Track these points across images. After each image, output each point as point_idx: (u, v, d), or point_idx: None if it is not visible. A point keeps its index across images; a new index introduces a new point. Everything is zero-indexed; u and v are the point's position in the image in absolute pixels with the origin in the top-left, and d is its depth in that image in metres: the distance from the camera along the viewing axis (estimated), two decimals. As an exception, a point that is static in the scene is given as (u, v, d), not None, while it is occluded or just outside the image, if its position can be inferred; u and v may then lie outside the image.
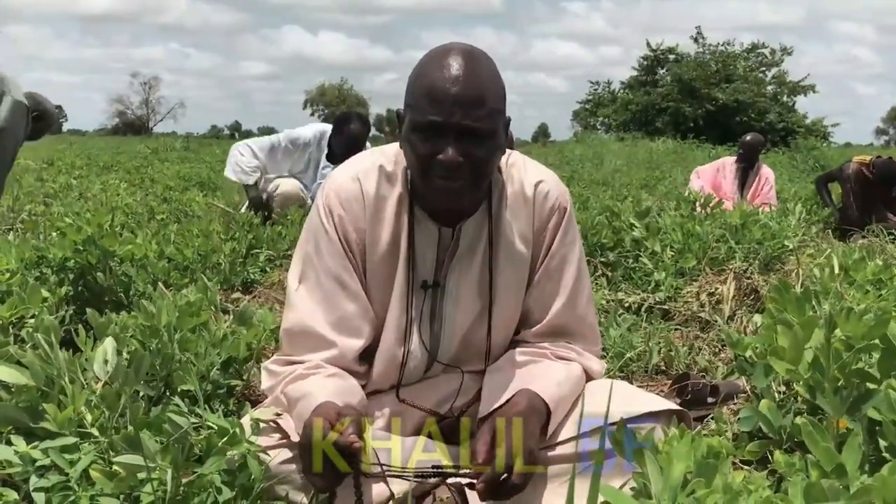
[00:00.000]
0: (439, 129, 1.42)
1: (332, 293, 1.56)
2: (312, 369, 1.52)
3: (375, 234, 1.59)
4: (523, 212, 1.62)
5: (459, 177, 1.44)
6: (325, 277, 1.57)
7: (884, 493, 0.94)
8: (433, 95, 1.42)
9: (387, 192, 1.59)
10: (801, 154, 16.87)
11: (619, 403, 1.53)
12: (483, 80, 1.44)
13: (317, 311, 1.56)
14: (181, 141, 23.02)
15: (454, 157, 1.41)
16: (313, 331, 1.55)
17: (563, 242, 1.64)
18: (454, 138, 1.42)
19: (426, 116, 1.43)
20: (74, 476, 1.29)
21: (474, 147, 1.43)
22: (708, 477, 1.00)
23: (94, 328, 1.99)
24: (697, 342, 2.97)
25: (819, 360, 1.41)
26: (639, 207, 4.61)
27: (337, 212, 1.58)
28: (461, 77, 1.41)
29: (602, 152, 17.41)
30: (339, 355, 1.55)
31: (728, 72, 29.36)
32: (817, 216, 6.89)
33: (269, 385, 1.59)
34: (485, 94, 1.43)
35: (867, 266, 2.91)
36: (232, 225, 4.57)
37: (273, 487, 1.43)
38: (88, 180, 9.27)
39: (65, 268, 2.83)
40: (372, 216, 1.58)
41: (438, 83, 1.42)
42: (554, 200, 1.64)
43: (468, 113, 1.41)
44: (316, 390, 1.45)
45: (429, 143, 1.44)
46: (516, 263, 1.63)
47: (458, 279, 1.63)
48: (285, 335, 1.61)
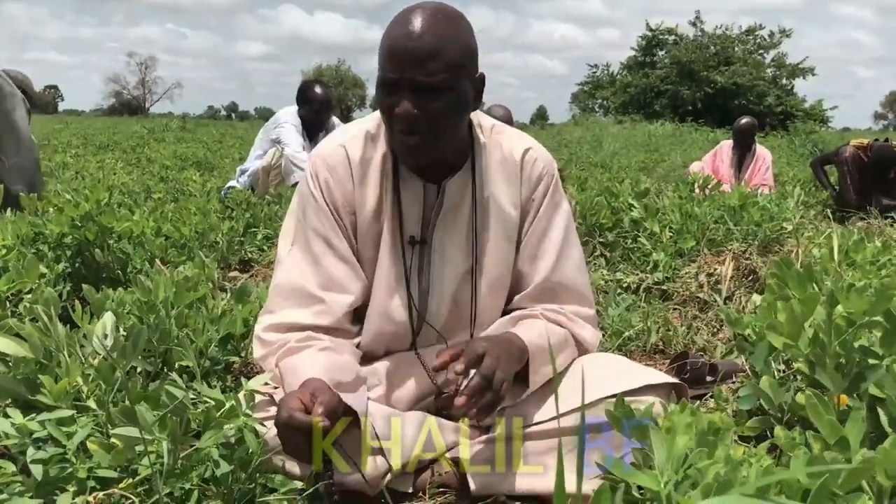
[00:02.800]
0: (396, 85, 1.48)
1: (321, 254, 1.61)
2: (304, 342, 1.54)
3: (363, 195, 1.62)
4: (512, 176, 1.67)
5: (416, 130, 1.49)
6: (315, 240, 1.61)
7: (886, 465, 0.93)
8: (390, 52, 1.48)
9: (371, 153, 1.63)
10: (799, 138, 16.79)
11: (617, 377, 1.54)
12: (440, 35, 1.47)
13: (307, 271, 1.61)
14: (178, 121, 22.88)
15: (409, 111, 1.47)
16: (303, 288, 1.60)
17: (550, 206, 1.68)
18: (409, 93, 1.47)
19: (385, 73, 1.49)
20: (71, 448, 1.28)
21: (429, 101, 1.47)
22: (710, 450, 1.00)
23: (90, 304, 1.98)
24: (696, 322, 2.96)
25: (819, 337, 1.40)
26: (638, 188, 4.60)
27: (323, 176, 1.62)
28: (416, 33, 1.45)
29: (600, 135, 17.37)
30: (326, 310, 1.58)
31: (727, 54, 29.28)
32: (815, 199, 6.88)
33: (261, 354, 1.60)
34: (439, 49, 1.46)
35: (866, 247, 2.91)
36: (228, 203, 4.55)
37: (271, 459, 1.43)
38: (85, 159, 9.23)
39: (62, 244, 2.81)
40: (358, 178, 1.62)
41: (395, 41, 1.47)
42: (542, 168, 1.69)
43: (421, 68, 1.45)
44: (305, 366, 1.47)
45: (389, 98, 1.50)
46: (504, 224, 1.67)
47: (444, 236, 1.66)
48: (275, 291, 1.64)
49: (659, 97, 29.09)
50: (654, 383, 1.55)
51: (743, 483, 0.90)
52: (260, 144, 5.43)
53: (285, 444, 1.36)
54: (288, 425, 1.31)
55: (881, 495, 1.01)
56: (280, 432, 1.35)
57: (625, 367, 1.65)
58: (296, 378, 1.45)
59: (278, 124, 5.30)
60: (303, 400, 1.34)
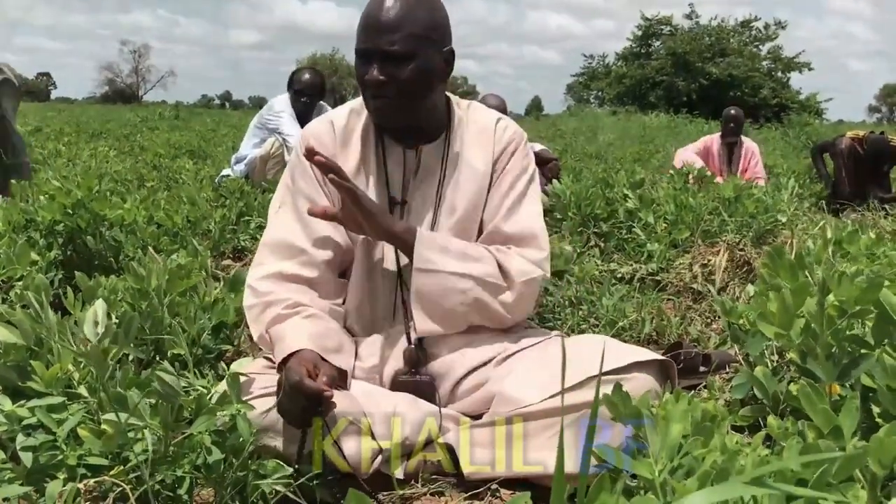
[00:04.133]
0: (366, 55, 1.67)
1: (305, 212, 1.69)
2: (291, 308, 1.65)
3: (345, 157, 1.78)
4: (486, 141, 1.83)
5: (384, 95, 1.67)
6: (301, 200, 1.76)
7: (880, 454, 0.93)
8: (362, 26, 1.67)
9: (355, 124, 1.82)
10: (793, 130, 16.83)
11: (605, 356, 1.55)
12: (406, 9, 1.64)
13: (294, 227, 1.75)
14: (171, 109, 22.79)
15: (376, 77, 1.65)
16: (289, 242, 1.74)
17: (515, 166, 1.83)
18: (377, 61, 1.65)
19: (358, 44, 1.68)
20: (62, 435, 1.28)
21: (395, 68, 1.65)
22: (705, 438, 0.99)
23: (82, 291, 1.97)
24: (690, 313, 2.96)
25: (811, 326, 1.40)
26: (633, 179, 4.59)
27: (310, 143, 1.71)
28: (385, 7, 1.64)
29: (595, 126, 17.36)
30: (310, 261, 1.72)
31: (722, 46, 29.24)
32: (810, 191, 6.87)
33: (250, 302, 1.71)
34: (403, 21, 1.64)
35: (860, 239, 2.90)
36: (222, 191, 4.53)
37: (262, 438, 1.46)
38: (77, 147, 9.17)
39: (54, 231, 2.80)
40: (341, 143, 1.80)
41: (368, 14, 1.67)
42: (512, 133, 1.85)
43: (385, 38, 1.63)
44: (293, 334, 1.58)
45: (362, 67, 1.68)
46: (475, 180, 1.80)
47: (421, 197, 1.81)
48: (264, 247, 1.78)
49: (654, 88, 29.06)
50: (642, 360, 1.58)
51: (740, 472, 0.90)
52: (255, 133, 5.39)
53: (286, 408, 1.44)
54: (297, 388, 1.41)
55: (875, 484, 1.01)
56: (285, 396, 1.44)
57: (611, 345, 1.68)
58: (283, 347, 1.54)
59: (276, 113, 5.26)
60: (308, 369, 1.45)
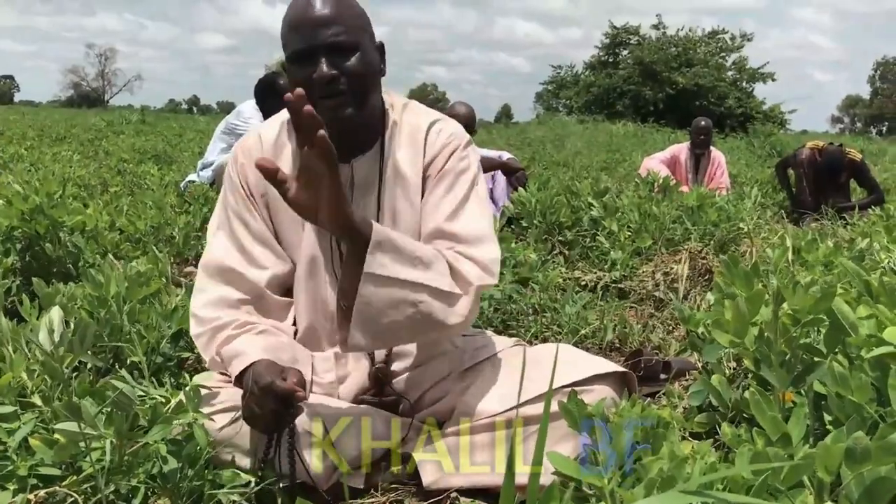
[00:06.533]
0: (308, 54, 1.55)
1: (240, 234, 1.69)
2: (241, 328, 1.60)
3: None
4: (416, 146, 1.70)
5: (337, 91, 1.55)
6: (234, 220, 1.70)
7: (826, 461, 0.95)
8: (294, 26, 1.57)
9: (286, 138, 1.71)
10: (758, 140, 17.08)
11: (564, 367, 1.55)
12: (336, 2, 1.57)
13: (229, 249, 1.69)
14: (137, 114, 22.51)
15: (327, 72, 1.53)
16: (226, 266, 1.67)
17: (452, 168, 1.68)
18: (323, 56, 1.54)
19: (295, 46, 1.57)
20: (13, 445, 1.26)
21: (342, 61, 1.55)
22: (655, 445, 1.00)
23: (39, 298, 1.94)
24: (652, 320, 2.99)
25: (765, 334, 1.42)
26: (597, 187, 4.63)
27: (240, 160, 1.72)
28: (315, 4, 1.55)
29: (563, 134, 17.47)
30: (249, 285, 1.66)
31: (688, 56, 29.58)
32: (772, 200, 6.98)
33: (197, 331, 1.65)
34: (340, 13, 1.56)
35: (819, 248, 2.95)
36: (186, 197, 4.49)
37: (219, 453, 1.45)
38: (40, 151, 9.02)
39: (11, 237, 2.75)
40: (272, 158, 1.63)
41: (295, 16, 1.58)
42: (447, 136, 1.70)
43: (327, 30, 1.54)
44: (247, 349, 1.53)
45: (304, 68, 1.56)
46: (408, 191, 1.69)
47: (360, 212, 1.63)
48: (203, 270, 1.71)
49: (621, 97, 29.29)
50: (602, 373, 1.57)
51: (687, 479, 0.91)
52: (221, 138, 5.35)
53: (254, 413, 1.40)
54: (268, 390, 1.37)
55: (822, 490, 1.03)
56: (253, 400, 1.39)
57: (572, 356, 1.66)
58: (240, 361, 1.50)
59: (244, 119, 5.23)
60: (276, 372, 1.41)
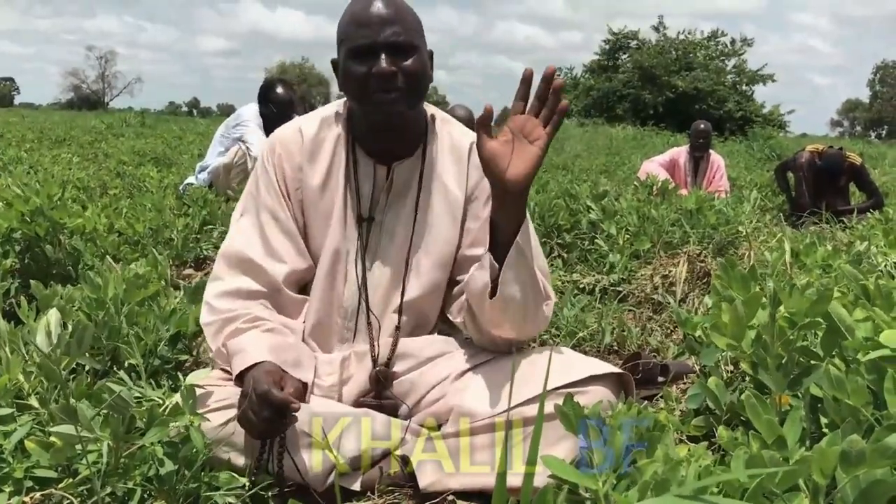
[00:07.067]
0: (370, 49, 1.60)
1: (266, 225, 1.71)
2: (250, 322, 1.61)
3: (311, 170, 1.74)
4: (460, 162, 1.77)
5: (394, 87, 1.61)
6: (262, 211, 1.72)
7: (822, 464, 0.95)
8: (359, 22, 1.62)
9: (325, 134, 1.76)
10: (757, 143, 17.10)
11: (559, 369, 1.55)
12: (397, 4, 1.64)
13: (252, 240, 1.71)
14: (137, 116, 22.52)
15: (387, 68, 1.59)
16: (246, 256, 1.69)
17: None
18: (384, 53, 1.59)
19: (356, 42, 1.61)
20: (8, 448, 1.26)
21: (402, 59, 1.61)
22: (650, 447, 1.00)
23: (38, 300, 1.94)
24: (650, 323, 2.99)
25: (762, 337, 1.42)
26: (596, 190, 4.63)
27: (277, 151, 1.74)
28: (375, 3, 1.62)
29: (563, 137, 17.45)
30: (268, 278, 1.68)
31: (688, 60, 29.64)
32: (772, 203, 6.98)
33: (208, 320, 1.67)
34: (402, 14, 1.63)
35: (817, 251, 2.95)
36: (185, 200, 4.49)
37: (216, 452, 1.46)
38: (39, 153, 9.03)
39: (11, 239, 2.75)
40: (309, 154, 1.74)
41: (362, 11, 1.62)
42: None
43: (389, 29, 1.60)
44: (252, 347, 1.55)
45: (364, 63, 1.61)
46: (450, 205, 1.75)
47: (392, 216, 1.75)
48: (222, 258, 1.73)
49: (621, 101, 29.36)
50: (598, 374, 1.56)
51: (681, 483, 0.91)
52: (220, 141, 5.36)
53: (249, 419, 1.41)
54: (264, 398, 1.39)
55: (817, 493, 1.03)
56: (249, 406, 1.41)
57: (567, 358, 1.64)
58: (242, 359, 1.52)
59: (241, 122, 5.25)
60: (274, 380, 1.44)
